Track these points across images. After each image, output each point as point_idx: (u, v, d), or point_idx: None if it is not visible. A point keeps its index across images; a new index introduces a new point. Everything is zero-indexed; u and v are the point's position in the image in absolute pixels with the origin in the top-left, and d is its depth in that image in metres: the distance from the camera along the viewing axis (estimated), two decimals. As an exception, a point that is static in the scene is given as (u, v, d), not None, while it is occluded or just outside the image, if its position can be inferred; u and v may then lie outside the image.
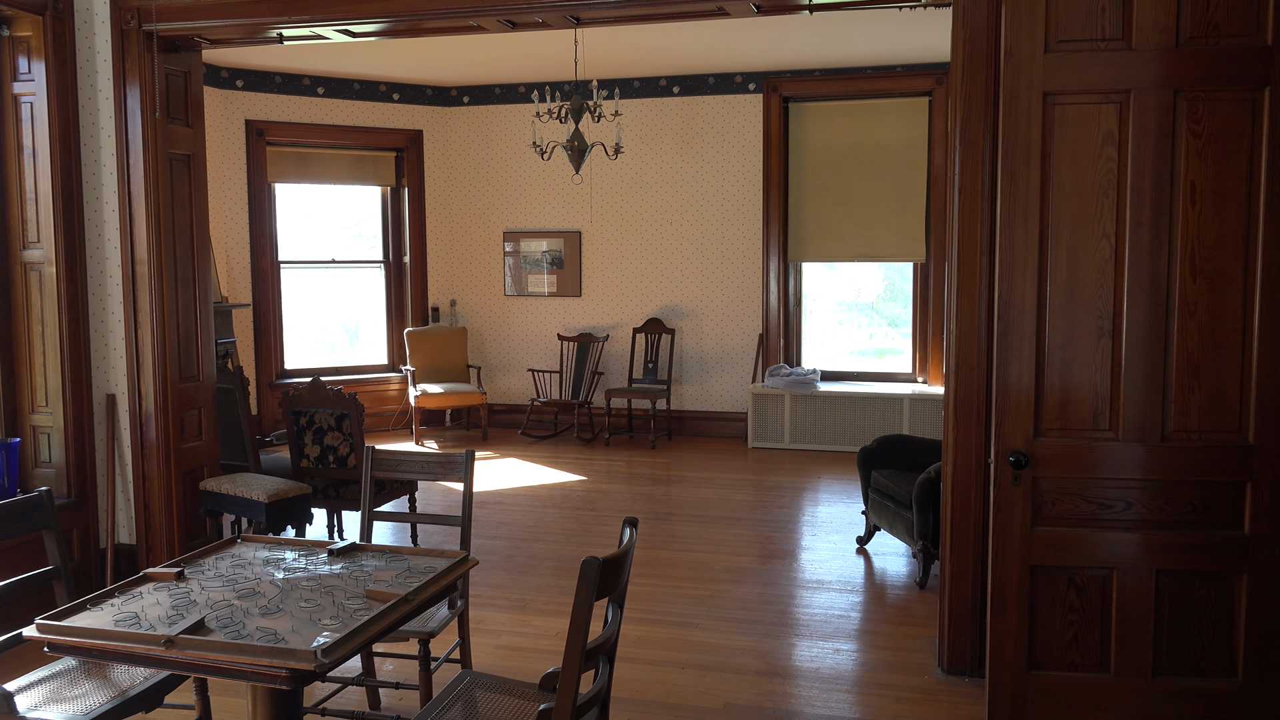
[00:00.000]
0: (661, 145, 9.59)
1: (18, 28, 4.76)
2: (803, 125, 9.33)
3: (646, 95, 9.54)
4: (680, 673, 4.18)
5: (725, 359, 9.62)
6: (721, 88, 9.40)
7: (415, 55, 8.56)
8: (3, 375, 4.90)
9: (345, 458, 5.42)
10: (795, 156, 9.36)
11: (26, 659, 3.66)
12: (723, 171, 9.48)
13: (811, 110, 9.31)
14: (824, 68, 9.04)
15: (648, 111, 9.57)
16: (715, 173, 9.50)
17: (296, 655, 2.27)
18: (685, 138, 9.53)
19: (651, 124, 9.58)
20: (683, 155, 9.55)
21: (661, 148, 9.59)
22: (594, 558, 2.31)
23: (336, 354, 10.36)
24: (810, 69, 9.09)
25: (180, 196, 5.13)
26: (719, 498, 7.27)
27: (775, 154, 9.27)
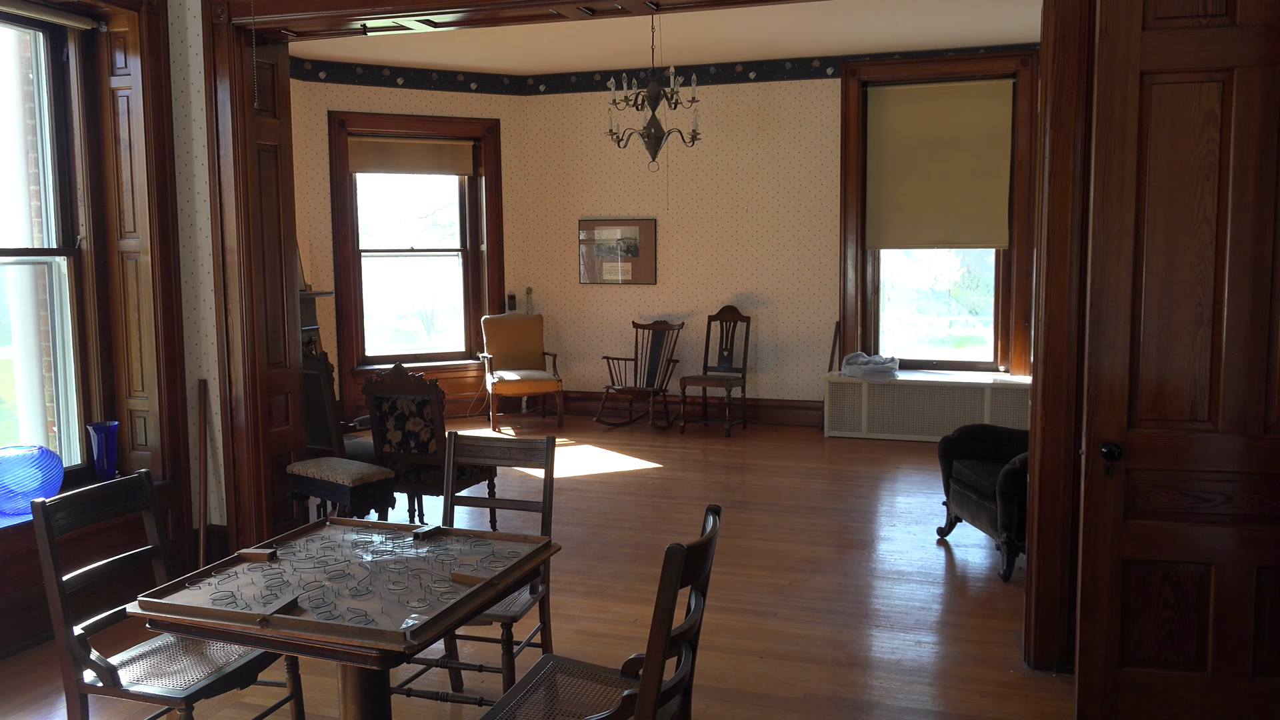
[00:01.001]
0: (737, 131, 9.52)
1: (115, 24, 4.91)
2: (882, 110, 9.18)
3: (722, 81, 9.48)
4: (759, 661, 4.16)
5: (801, 347, 9.53)
6: (798, 73, 9.29)
7: (492, 44, 8.62)
8: (102, 361, 5.07)
9: (426, 443, 5.50)
10: (874, 142, 9.22)
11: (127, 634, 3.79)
12: (799, 157, 9.38)
13: (891, 94, 9.15)
14: (904, 51, 8.88)
15: (723, 97, 9.50)
16: (792, 159, 9.40)
17: (386, 636, 2.31)
18: (761, 124, 9.44)
19: (727, 110, 9.51)
20: (759, 141, 9.47)
21: (737, 134, 9.52)
22: (679, 545, 2.30)
23: (413, 341, 10.53)
24: (890, 52, 8.93)
25: (268, 186, 5.25)
26: (795, 487, 7.22)
27: (853, 139, 9.14)
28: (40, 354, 5.03)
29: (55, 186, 4.96)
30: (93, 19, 4.89)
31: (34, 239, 4.98)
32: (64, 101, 4.95)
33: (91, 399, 5.08)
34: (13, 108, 4.91)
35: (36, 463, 4.45)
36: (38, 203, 4.97)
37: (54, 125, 4.94)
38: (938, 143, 9.03)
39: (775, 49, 8.92)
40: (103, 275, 5.06)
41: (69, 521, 2.95)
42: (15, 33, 4.86)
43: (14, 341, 5.01)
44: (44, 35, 4.89)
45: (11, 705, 3.84)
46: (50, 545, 2.85)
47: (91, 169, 4.99)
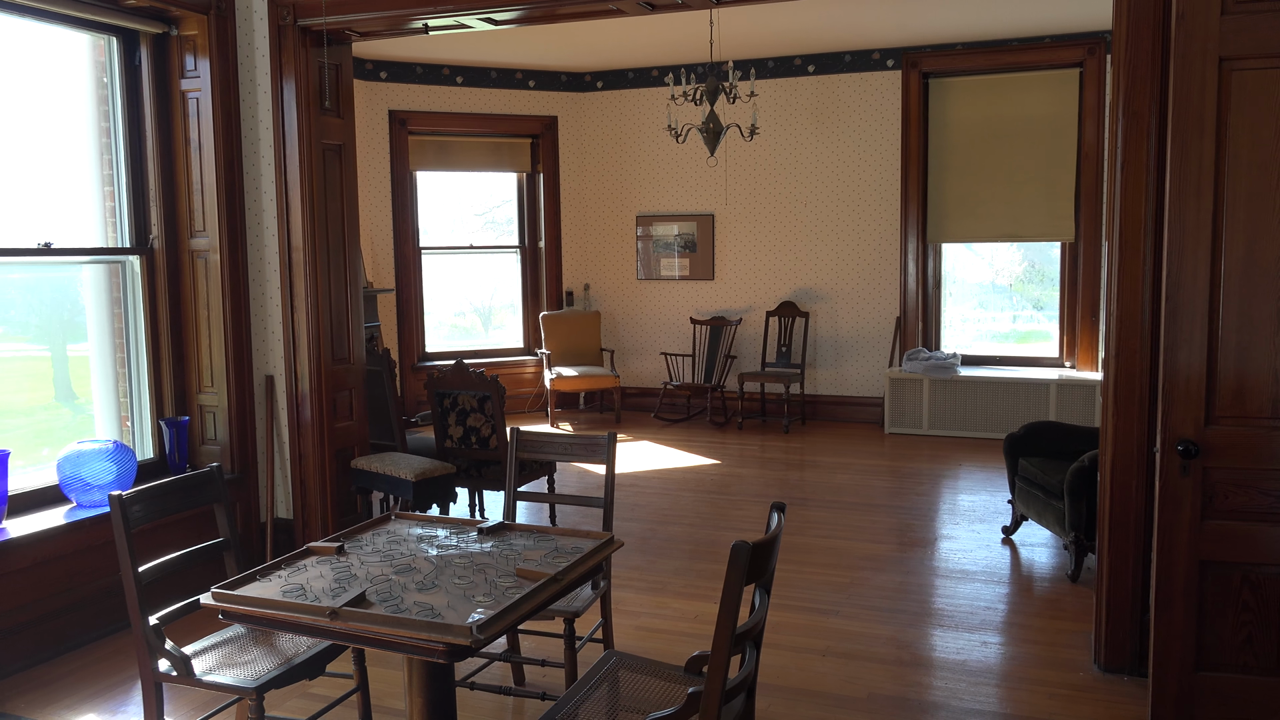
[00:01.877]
0: (796, 125, 9.44)
1: (185, 28, 5.02)
2: (943, 101, 9.04)
3: (781, 75, 9.41)
4: (821, 660, 4.13)
5: (860, 342, 9.43)
6: (858, 65, 9.19)
7: (550, 42, 8.65)
8: (173, 357, 5.19)
9: (487, 438, 5.54)
10: (935, 134, 9.08)
11: (198, 624, 3.88)
12: (859, 151, 9.27)
13: (953, 86, 9.01)
14: (966, 41, 8.73)
15: (782, 91, 9.43)
16: (851, 152, 9.30)
17: (453, 630, 2.33)
18: (820, 117, 9.36)
19: (786, 104, 9.44)
20: (818, 135, 9.39)
21: (796, 128, 9.45)
22: (744, 542, 2.29)
23: (471, 338, 10.62)
24: (951, 43, 8.79)
25: (332, 185, 5.32)
26: (855, 484, 7.15)
27: (914, 132, 9.01)
28: (115, 351, 5.16)
29: (128, 187, 5.08)
30: (164, 23, 5.00)
31: (108, 239, 5.11)
32: (137, 104, 5.08)
33: (163, 394, 5.20)
34: (88, 111, 5.04)
35: (112, 457, 4.57)
36: (112, 203, 5.10)
37: (127, 128, 5.06)
38: (1001, 135, 8.87)
39: (834, 42, 8.83)
40: (174, 274, 5.17)
41: (144, 514, 3.02)
42: (90, 38, 4.99)
43: (90, 339, 5.15)
44: (118, 40, 5.01)
45: (90, 692, 3.94)
46: (126, 537, 2.92)
47: (163, 170, 5.10)
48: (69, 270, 5.00)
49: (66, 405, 5.28)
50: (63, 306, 5.15)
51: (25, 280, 4.90)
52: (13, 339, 4.96)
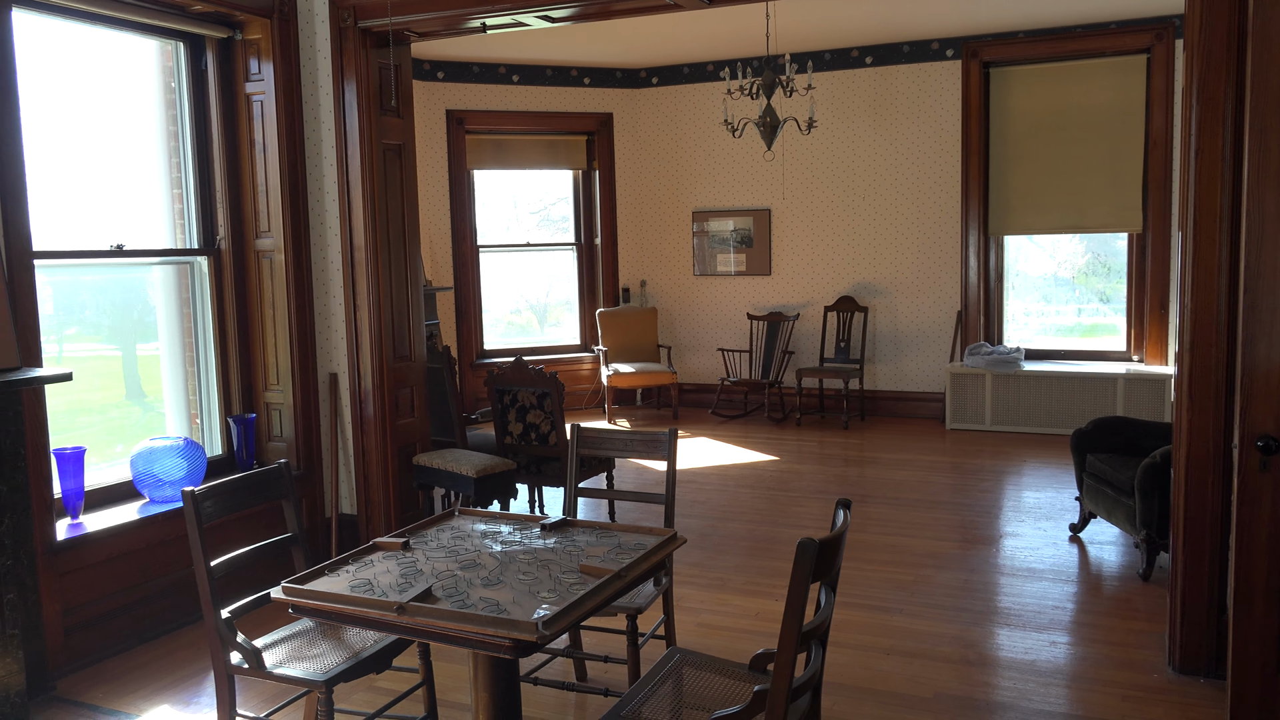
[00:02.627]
0: (853, 118, 9.34)
1: (249, 31, 5.10)
2: (1005, 91, 8.87)
3: (837, 67, 9.31)
4: (885, 659, 4.08)
5: (921, 337, 9.31)
6: (916, 56, 9.06)
7: (605, 39, 8.66)
8: (240, 355, 5.29)
9: (546, 435, 5.57)
10: (996, 124, 8.92)
11: (267, 618, 3.95)
12: (918, 143, 9.15)
13: (1014, 75, 8.84)
14: (1028, 29, 8.56)
15: (839, 84, 9.34)
16: (910, 144, 9.18)
17: (519, 626, 2.34)
18: (878, 109, 9.25)
19: (843, 96, 9.34)
20: (876, 127, 9.28)
21: (853, 120, 9.35)
22: (811, 539, 2.26)
23: (527, 335, 10.68)
24: (1013, 31, 8.62)
25: (392, 184, 5.38)
26: (917, 480, 7.06)
27: (975, 122, 8.87)
28: (184, 349, 5.27)
29: (196, 189, 5.19)
30: (229, 28, 5.10)
31: (177, 240, 5.22)
32: (203, 108, 5.18)
33: (231, 392, 5.30)
34: (157, 116, 5.16)
35: (182, 453, 4.67)
36: (180, 205, 5.21)
37: (194, 131, 5.17)
38: (1065, 124, 8.69)
39: (892, 32, 8.71)
40: (240, 273, 5.27)
41: (215, 509, 3.08)
42: (158, 44, 5.10)
43: (160, 338, 5.26)
44: (185, 45, 5.12)
45: (163, 683, 4.04)
46: (199, 532, 2.97)
47: (229, 172, 5.20)
48: (138, 271, 5.12)
49: (136, 403, 5.41)
50: (132, 307, 5.27)
51: (97, 282, 5.02)
52: (85, 339, 5.09)
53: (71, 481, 4.30)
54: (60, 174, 4.62)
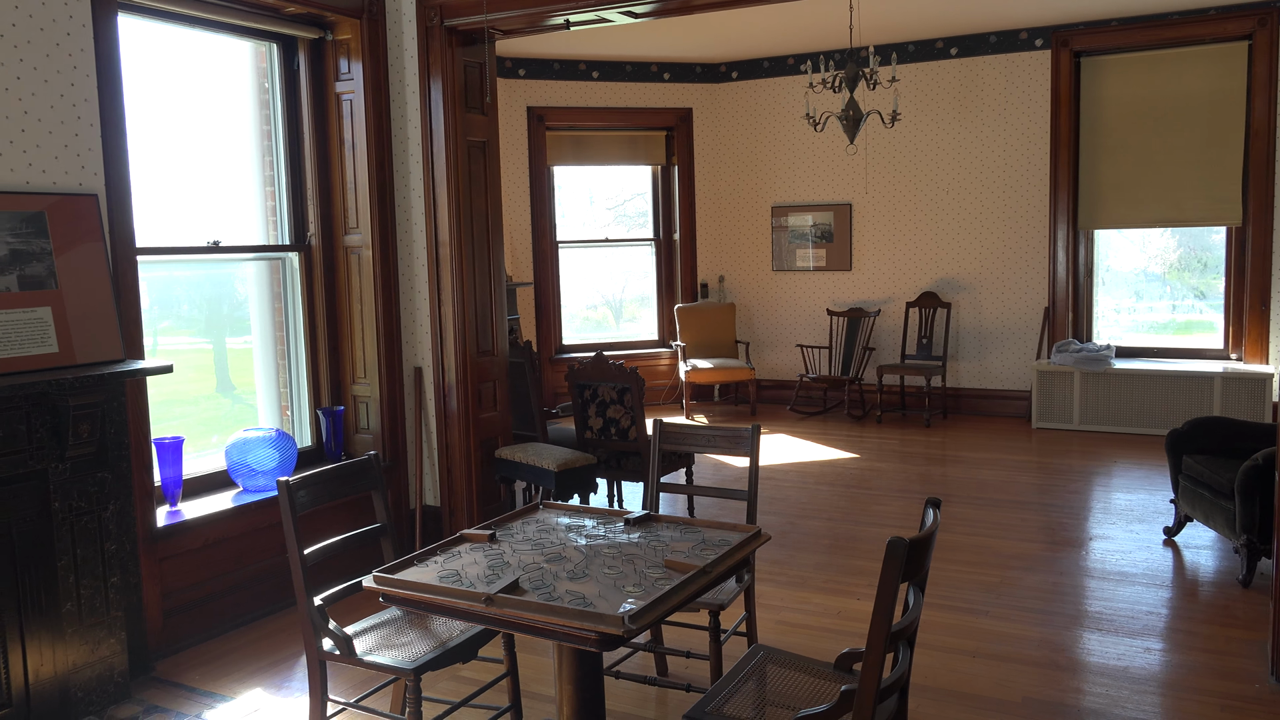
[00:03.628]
0: (938, 110, 9.17)
1: (339, 32, 5.22)
2: (1096, 81, 8.62)
3: (922, 59, 9.15)
4: (972, 661, 4.00)
5: (1006, 334, 9.11)
6: (1004, 46, 8.86)
7: (685, 34, 8.64)
8: (329, 349, 5.41)
9: (626, 430, 5.59)
10: (1087, 115, 8.68)
11: (355, 605, 4.04)
12: (1004, 135, 8.94)
13: (1107, 64, 8.58)
14: (1121, 17, 8.30)
15: (923, 76, 9.18)
16: (996, 137, 8.98)
17: (606, 620, 2.35)
18: (964, 101, 9.07)
19: (927, 88, 9.18)
20: (961, 120, 9.10)
21: (938, 113, 9.18)
22: (901, 539, 2.23)
23: (603, 330, 10.73)
24: (1105, 19, 8.37)
25: (477, 181, 5.45)
26: (1001, 480, 6.91)
27: (1064, 114, 8.63)
28: (275, 343, 5.42)
29: (288, 187, 5.32)
30: (320, 28, 5.21)
31: (269, 236, 5.37)
32: (295, 107, 5.30)
33: (320, 385, 5.43)
34: (250, 115, 5.30)
35: (274, 444, 4.80)
36: (273, 203, 5.35)
37: (286, 130, 5.30)
38: (1160, 114, 8.41)
39: (979, 22, 8.53)
40: (329, 269, 5.39)
41: (308, 499, 3.16)
42: (252, 45, 5.24)
43: (253, 332, 5.42)
44: (278, 46, 5.25)
45: (256, 667, 4.16)
46: (293, 521, 3.05)
47: (319, 169, 5.32)
48: (228, 267, 5.28)
49: (226, 395, 5.57)
50: (223, 302, 5.43)
51: (190, 277, 5.18)
52: (178, 333, 5.26)
53: (170, 470, 4.46)
54: (160, 172, 4.77)
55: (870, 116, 8.53)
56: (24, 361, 3.52)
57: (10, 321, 3.50)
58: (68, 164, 3.80)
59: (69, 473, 3.63)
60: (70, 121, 3.81)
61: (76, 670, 3.67)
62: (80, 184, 3.85)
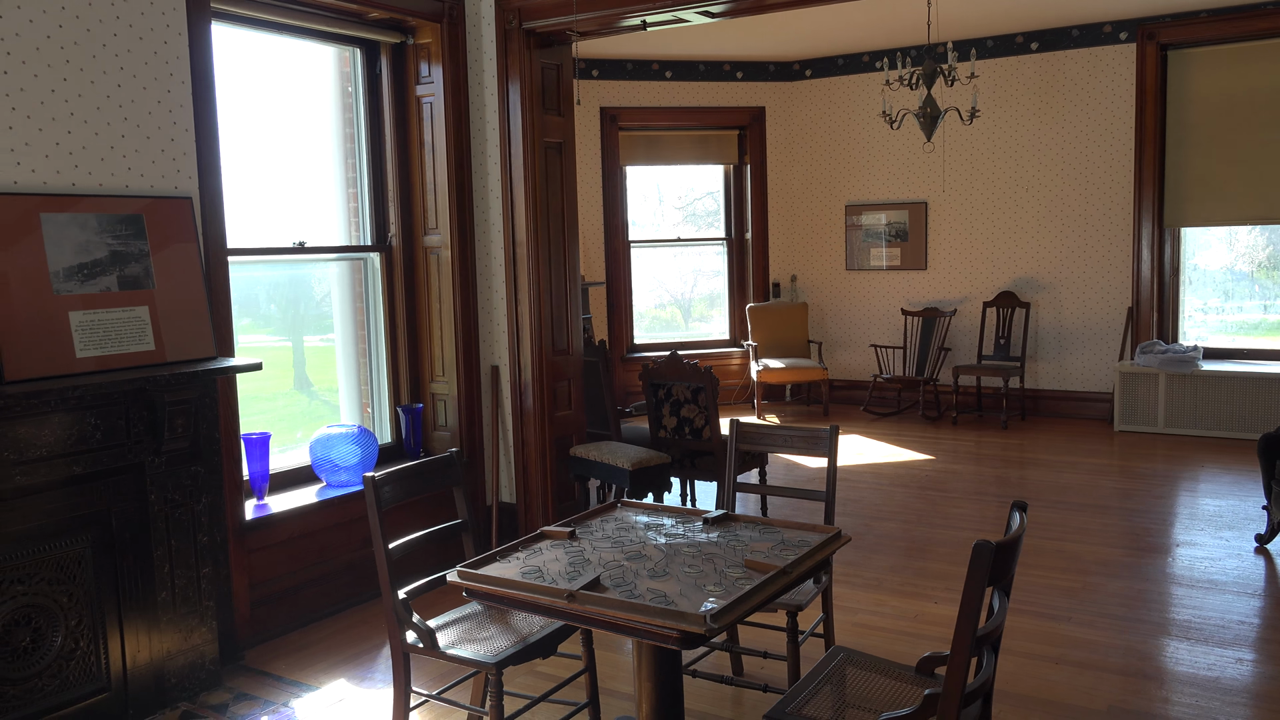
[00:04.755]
0: (1017, 106, 9.00)
1: (420, 36, 5.31)
2: (1184, 74, 8.38)
3: (1001, 54, 8.99)
4: (1055, 668, 3.93)
5: (1087, 334, 8.90)
6: (1086, 40, 8.66)
7: (759, 32, 8.61)
8: (409, 347, 5.52)
9: (700, 429, 5.59)
10: (1174, 110, 8.43)
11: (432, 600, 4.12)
12: (1086, 131, 8.74)
13: (1195, 57, 8.33)
14: (1211, 8, 8.05)
15: (1002, 71, 9.02)
16: (1078, 133, 8.78)
17: (688, 618, 2.36)
18: (1044, 97, 8.88)
19: (1006, 84, 9.02)
20: (1041, 116, 8.91)
21: (1017, 109, 9.01)
22: (987, 542, 2.21)
23: (672, 330, 10.74)
24: (1195, 10, 8.13)
25: (553, 182, 5.51)
26: (1083, 483, 6.76)
27: (1150, 108, 8.41)
28: (357, 342, 5.54)
29: (370, 189, 5.43)
30: (402, 33, 5.32)
31: (351, 237, 5.49)
32: (377, 111, 5.42)
33: (400, 382, 5.54)
34: (333, 119, 5.43)
35: (356, 440, 4.91)
36: (355, 204, 5.47)
37: (368, 133, 5.41)
38: (1251, 108, 8.14)
39: (1060, 16, 8.35)
40: (409, 269, 5.50)
41: (393, 495, 3.22)
42: (336, 50, 5.36)
43: (335, 330, 5.54)
44: (361, 51, 5.37)
45: (339, 658, 4.26)
46: (379, 516, 3.12)
47: (400, 171, 5.42)
48: (305, 267, 5.40)
49: (303, 392, 5.71)
50: (300, 301, 5.56)
51: (267, 277, 5.31)
52: (256, 330, 5.39)
53: (258, 465, 4.59)
54: (248, 175, 4.91)
55: (948, 113, 8.41)
56: (123, 359, 3.65)
57: (111, 320, 3.64)
58: (164, 168, 3.94)
59: (164, 466, 3.76)
60: (166, 127, 3.94)
61: (170, 657, 3.80)
62: (176, 187, 3.98)
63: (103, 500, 3.59)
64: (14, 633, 3.36)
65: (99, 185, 3.73)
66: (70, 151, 3.64)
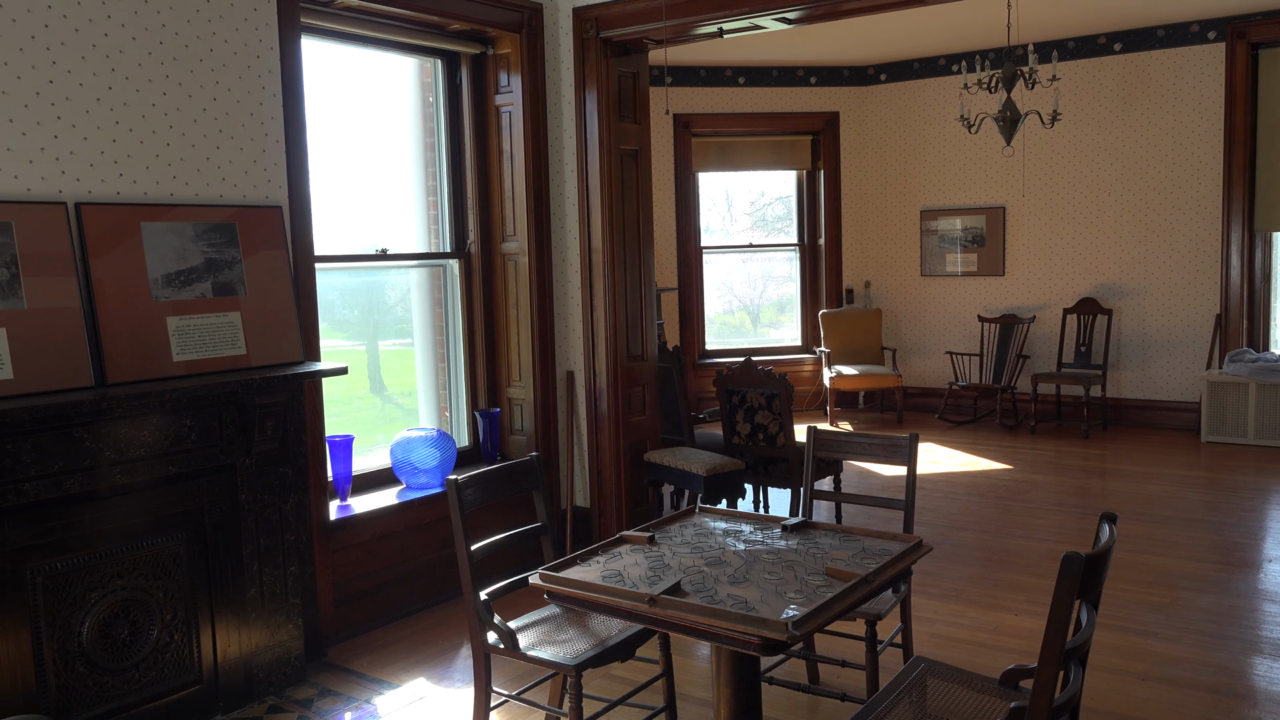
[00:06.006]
0: (1099, 108, 8.81)
1: (499, 46, 5.40)
2: (1276, 74, 8.11)
3: (1082, 56, 8.81)
4: (1141, 685, 3.84)
5: (1172, 342, 8.66)
6: (1173, 40, 8.44)
7: (834, 37, 8.56)
8: (486, 353, 5.60)
9: (774, 436, 5.58)
10: (1265, 111, 8.17)
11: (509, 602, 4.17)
12: (1172, 133, 8.51)
13: (1289, 56, 8.07)
14: (1307, 5, 7.80)
15: (1084, 73, 8.83)
16: (1163, 135, 8.56)
17: (770, 625, 2.37)
18: (1128, 98, 8.67)
19: (1088, 86, 8.83)
20: (1124, 118, 8.71)
21: (1099, 111, 8.81)
22: (1077, 554, 2.17)
23: (741, 336, 10.71)
24: (1288, 8, 7.88)
25: (629, 189, 5.55)
26: (1169, 496, 6.58)
27: (1240, 109, 8.16)
28: (435, 347, 5.64)
29: (450, 197, 5.53)
30: (482, 44, 5.41)
31: (431, 244, 5.59)
32: (457, 120, 5.52)
33: (477, 387, 5.62)
34: (414, 129, 5.54)
35: (435, 444, 5.00)
36: (434, 212, 5.57)
37: (449, 142, 5.51)
38: (1349, 108, 7.85)
39: (1145, 16, 8.15)
40: (487, 275, 5.58)
41: (475, 498, 3.29)
42: (417, 62, 5.48)
43: (415, 336, 5.65)
44: (442, 62, 5.47)
45: (419, 657, 4.34)
46: (462, 518, 3.18)
47: (479, 179, 5.51)
48: (379, 274, 5.51)
49: (377, 395, 5.82)
50: (374, 307, 5.68)
51: (343, 283, 5.42)
52: (333, 335, 5.52)
53: (341, 466, 4.70)
54: (331, 183, 5.04)
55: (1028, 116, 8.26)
56: (216, 363, 3.78)
57: (205, 325, 3.77)
58: (256, 178, 4.07)
59: (254, 467, 3.87)
60: (258, 138, 4.07)
61: (258, 652, 3.91)
62: (266, 196, 4.11)
63: (196, 499, 3.72)
64: (114, 625, 3.50)
65: (195, 195, 3.87)
66: (169, 163, 3.78)
